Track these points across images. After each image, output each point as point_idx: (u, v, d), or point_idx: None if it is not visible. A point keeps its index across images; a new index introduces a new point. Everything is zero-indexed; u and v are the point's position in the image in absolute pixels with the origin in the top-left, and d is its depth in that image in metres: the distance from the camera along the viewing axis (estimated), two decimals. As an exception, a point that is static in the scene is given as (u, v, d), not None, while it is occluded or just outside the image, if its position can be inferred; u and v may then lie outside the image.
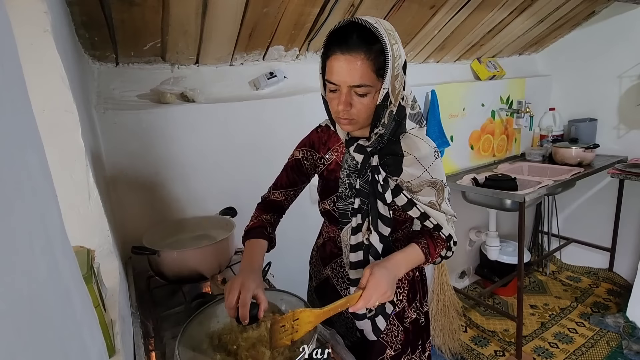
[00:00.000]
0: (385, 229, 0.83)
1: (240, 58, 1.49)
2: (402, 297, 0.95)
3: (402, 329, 0.95)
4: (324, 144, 0.95)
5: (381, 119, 0.75)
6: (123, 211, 1.27)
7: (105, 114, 1.18)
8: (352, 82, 0.72)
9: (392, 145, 0.80)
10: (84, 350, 0.27)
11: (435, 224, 0.83)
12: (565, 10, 2.10)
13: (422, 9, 1.58)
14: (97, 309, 0.53)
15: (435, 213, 0.82)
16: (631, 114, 2.28)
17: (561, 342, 1.99)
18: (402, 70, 0.74)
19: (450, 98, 2.08)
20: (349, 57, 0.70)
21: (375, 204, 0.82)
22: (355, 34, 0.70)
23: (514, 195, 1.77)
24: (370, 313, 0.88)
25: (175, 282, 1.14)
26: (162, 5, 1.08)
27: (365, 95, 0.73)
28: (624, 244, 2.41)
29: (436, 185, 0.81)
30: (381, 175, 0.80)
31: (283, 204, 1.01)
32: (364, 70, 0.70)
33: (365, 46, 0.69)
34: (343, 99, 0.73)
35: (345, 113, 0.75)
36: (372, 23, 0.69)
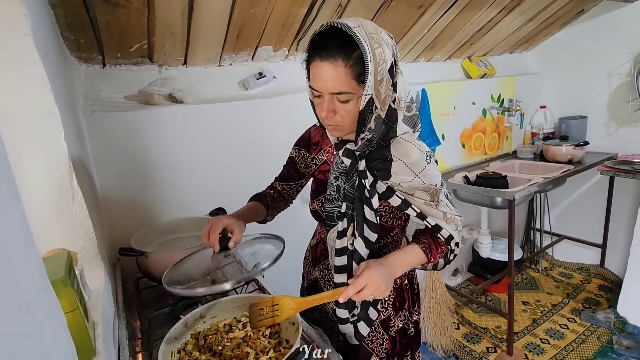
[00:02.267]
0: (372, 234, 0.82)
1: (228, 59, 1.49)
2: (387, 305, 0.92)
3: (387, 338, 0.93)
4: (317, 144, 0.96)
5: (366, 124, 0.73)
6: (112, 213, 1.27)
7: (92, 116, 1.18)
8: (332, 89, 0.71)
9: (381, 150, 0.78)
10: (43, 354, 0.27)
11: (434, 224, 0.80)
12: (554, 8, 2.11)
13: (410, 9, 1.59)
14: (75, 312, 0.54)
15: (434, 211, 0.80)
16: (620, 111, 2.30)
17: (552, 338, 2.01)
18: (389, 74, 0.71)
19: (441, 97, 2.09)
20: (327, 64, 0.69)
21: (362, 209, 0.81)
22: (335, 40, 0.68)
23: (504, 193, 1.78)
24: (353, 318, 0.88)
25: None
26: (147, 7, 1.08)
27: (348, 101, 0.72)
28: (615, 240, 2.43)
29: (429, 190, 0.79)
30: (368, 180, 0.79)
31: (282, 194, 1.06)
32: (343, 77, 0.69)
33: (344, 52, 0.67)
34: (325, 106, 0.73)
35: (329, 119, 0.75)
36: (351, 27, 0.66)
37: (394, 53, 0.73)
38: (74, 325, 0.54)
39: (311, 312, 1.07)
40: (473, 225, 2.46)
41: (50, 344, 0.29)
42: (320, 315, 1.08)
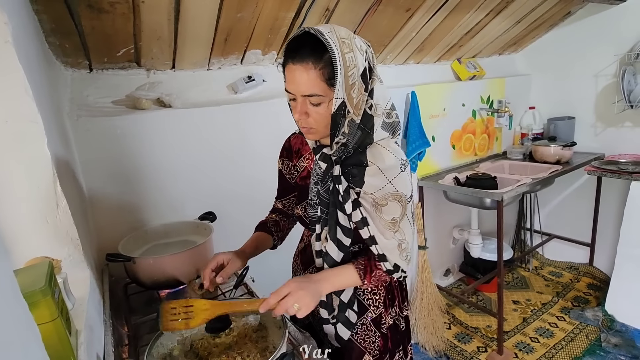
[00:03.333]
0: (345, 239, 0.82)
1: (217, 62, 1.49)
2: (378, 303, 0.94)
3: (380, 335, 0.95)
4: (297, 151, 0.97)
5: (340, 127, 0.74)
6: (100, 218, 1.26)
7: (78, 121, 1.18)
8: (303, 91, 0.72)
9: (358, 155, 0.78)
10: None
11: (381, 253, 0.80)
12: (541, 11, 2.14)
13: (398, 12, 1.60)
14: (55, 321, 0.53)
15: (388, 242, 0.79)
16: (607, 112, 2.33)
17: (542, 336, 2.03)
18: (362, 79, 0.72)
19: (431, 98, 2.11)
20: (299, 67, 0.70)
21: (335, 214, 0.81)
22: (307, 44, 0.70)
23: (492, 194, 1.80)
24: (333, 320, 0.89)
25: (152, 288, 1.14)
26: (132, 12, 1.08)
27: (319, 104, 0.73)
28: (603, 239, 2.47)
29: (401, 200, 0.78)
30: (342, 186, 0.79)
31: (286, 212, 1.08)
32: (314, 80, 0.70)
33: (314, 56, 0.69)
34: (299, 109, 0.74)
35: (302, 122, 0.76)
36: (323, 32, 0.68)
37: (368, 60, 0.74)
38: (55, 335, 0.54)
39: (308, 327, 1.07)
40: (464, 225, 2.48)
41: (17, 356, 0.29)
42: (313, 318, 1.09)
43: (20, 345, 0.31)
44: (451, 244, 2.52)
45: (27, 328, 0.34)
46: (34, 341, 0.35)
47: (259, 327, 0.88)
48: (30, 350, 0.33)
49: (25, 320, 0.34)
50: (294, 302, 0.72)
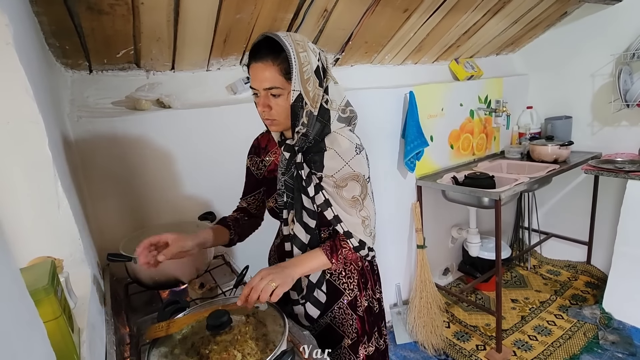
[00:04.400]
0: (311, 221, 0.91)
1: (216, 63, 1.50)
2: (353, 287, 1.00)
3: (357, 317, 1.01)
4: (264, 148, 1.05)
5: (299, 118, 0.83)
6: (100, 219, 1.27)
7: (79, 122, 1.18)
8: (265, 85, 0.81)
9: (318, 144, 0.88)
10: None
11: (346, 230, 0.88)
12: (538, 11, 2.15)
13: (395, 13, 1.61)
14: (58, 319, 0.54)
15: (353, 218, 0.88)
16: (604, 111, 2.35)
17: (540, 334, 2.05)
18: (316, 75, 0.82)
19: (429, 98, 2.12)
20: (261, 64, 0.80)
21: (300, 198, 0.90)
22: (266, 46, 0.80)
23: (490, 193, 1.82)
24: (302, 300, 0.96)
25: (153, 288, 1.15)
26: (132, 13, 1.08)
27: (279, 96, 0.82)
28: (600, 238, 2.48)
29: (359, 179, 0.87)
30: (304, 171, 0.88)
31: (248, 209, 1.10)
32: (273, 74, 0.80)
33: (273, 54, 0.79)
34: (261, 102, 0.83)
35: (266, 114, 0.85)
36: (280, 36, 0.79)
37: (320, 60, 0.85)
38: (58, 332, 0.55)
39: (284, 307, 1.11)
40: (462, 224, 2.50)
41: (20, 354, 0.30)
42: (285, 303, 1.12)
43: (27, 341, 0.31)
44: (450, 243, 2.53)
45: (33, 325, 0.35)
46: (40, 338, 0.35)
47: (259, 325, 0.88)
48: (36, 346, 0.34)
49: (31, 317, 0.35)
50: (268, 281, 0.78)
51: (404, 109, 2.04)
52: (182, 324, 0.82)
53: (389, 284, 2.18)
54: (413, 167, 2.07)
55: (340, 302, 0.99)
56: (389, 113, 2.01)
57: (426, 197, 2.23)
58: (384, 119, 1.99)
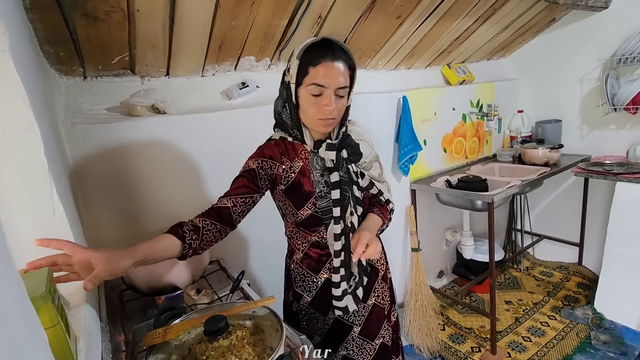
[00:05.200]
0: (359, 209, 1.00)
1: (211, 69, 1.51)
2: (383, 261, 1.16)
3: (388, 287, 1.16)
4: (283, 154, 1.00)
5: (347, 117, 0.97)
6: (96, 225, 1.26)
7: (73, 129, 1.18)
8: (341, 83, 0.87)
9: (346, 139, 0.98)
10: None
11: (387, 198, 1.08)
12: (527, 17, 2.20)
13: (388, 20, 1.64)
14: (56, 327, 0.54)
15: (384, 190, 1.08)
16: (592, 115, 2.40)
17: (534, 335, 2.07)
18: None
19: (422, 103, 2.15)
20: (338, 64, 0.86)
21: (352, 191, 0.98)
22: (339, 48, 0.87)
23: (483, 196, 1.84)
24: (354, 287, 1.02)
25: (148, 294, 1.14)
26: (128, 20, 1.09)
27: (343, 97, 0.90)
28: (591, 239, 2.53)
29: (378, 159, 1.10)
30: (352, 166, 0.98)
31: (231, 211, 0.95)
32: (346, 75, 0.88)
33: (345, 57, 0.88)
34: (331, 100, 0.87)
35: (329, 113, 0.88)
36: (339, 42, 0.89)
37: None
38: (55, 340, 0.55)
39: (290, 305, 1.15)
40: (456, 227, 2.52)
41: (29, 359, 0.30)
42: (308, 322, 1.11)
43: (33, 349, 0.32)
44: (444, 245, 2.55)
45: (37, 333, 0.35)
46: (42, 346, 0.36)
47: (256, 330, 0.89)
48: (38, 353, 0.34)
49: (34, 325, 0.35)
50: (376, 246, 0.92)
51: (397, 114, 2.07)
52: (179, 331, 0.82)
53: (384, 288, 2.19)
54: (407, 170, 2.09)
55: (378, 279, 1.12)
56: (383, 118, 2.03)
57: (420, 201, 2.26)
58: (378, 123, 2.01)
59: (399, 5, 1.56)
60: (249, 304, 0.88)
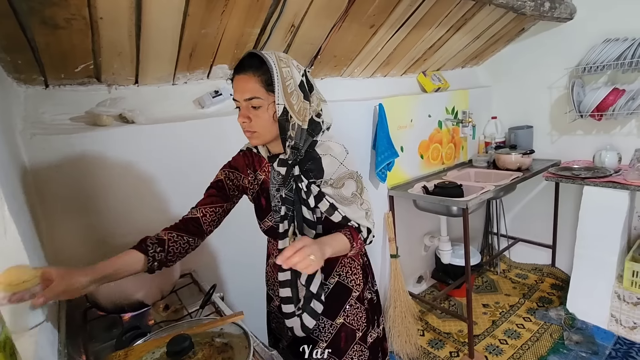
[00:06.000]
0: (310, 231, 0.93)
1: (183, 77, 1.47)
2: (359, 282, 1.06)
3: (364, 309, 1.07)
4: (249, 165, 1.02)
5: (287, 131, 0.86)
6: (57, 241, 1.20)
7: (32, 140, 1.12)
8: (246, 95, 0.84)
9: (310, 155, 0.92)
10: None
11: (356, 226, 0.94)
12: (497, 27, 2.27)
13: (362, 29, 1.65)
14: (-5, 358, 0.50)
15: (357, 214, 0.93)
16: (561, 121, 2.49)
17: (510, 338, 2.11)
18: (300, 89, 0.85)
19: (398, 110, 2.17)
20: (242, 76, 0.84)
21: (300, 210, 0.91)
22: (250, 60, 0.84)
23: (458, 202, 1.87)
24: (298, 311, 0.95)
25: (113, 312, 1.09)
26: (90, 28, 1.05)
27: (259, 108, 0.84)
28: (563, 241, 2.61)
29: (354, 176, 0.94)
30: (304, 183, 0.90)
31: (200, 221, 0.97)
32: (254, 85, 0.83)
33: (254, 67, 0.83)
34: (242, 113, 0.86)
35: (246, 125, 0.87)
36: (263, 52, 0.84)
37: (305, 76, 0.88)
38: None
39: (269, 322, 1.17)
40: (434, 232, 2.55)
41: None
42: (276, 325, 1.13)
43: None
44: (423, 251, 2.58)
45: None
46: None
47: (225, 348, 0.86)
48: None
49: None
50: (310, 253, 0.77)
51: (374, 121, 2.08)
52: (142, 352, 0.79)
53: (364, 295, 2.18)
54: (384, 177, 2.10)
55: (351, 299, 1.04)
56: (360, 125, 2.04)
57: (398, 207, 2.27)
58: (355, 130, 2.02)
59: (372, 15, 1.58)
60: (216, 321, 0.85)
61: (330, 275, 1.02)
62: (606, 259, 2.04)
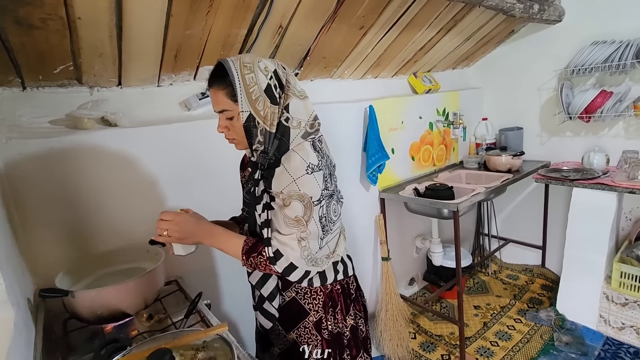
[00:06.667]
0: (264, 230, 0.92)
1: (168, 79, 1.44)
2: (318, 308, 0.99)
3: (321, 339, 0.99)
4: (244, 164, 1.12)
5: (254, 137, 0.86)
6: (36, 248, 1.16)
7: (8, 144, 1.08)
8: (217, 108, 0.88)
9: (278, 161, 0.88)
10: None
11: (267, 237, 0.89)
12: (487, 29, 2.27)
13: (352, 30, 1.63)
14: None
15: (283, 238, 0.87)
16: (550, 122, 2.50)
17: (501, 339, 2.11)
18: (267, 94, 0.84)
19: (389, 112, 2.16)
20: (212, 91, 0.87)
21: (254, 213, 0.94)
22: (216, 72, 0.86)
23: (448, 205, 1.86)
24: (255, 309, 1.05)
25: (94, 323, 1.06)
26: (68, 28, 1.01)
27: (232, 118, 0.87)
28: (553, 242, 2.62)
29: (304, 200, 0.84)
30: (259, 188, 0.92)
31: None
32: (221, 98, 0.86)
33: (219, 80, 0.85)
34: (219, 124, 0.91)
35: (225, 135, 0.92)
36: (228, 60, 0.84)
37: (273, 79, 0.86)
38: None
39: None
40: (426, 234, 2.54)
41: None
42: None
43: None
44: (414, 253, 2.57)
45: None
46: None
47: (209, 361, 0.83)
48: None
49: None
50: (165, 228, 0.88)
51: (364, 123, 2.06)
52: None
53: (355, 298, 2.16)
54: (375, 180, 2.09)
55: (306, 322, 0.99)
56: (350, 127, 2.02)
57: (390, 209, 2.26)
58: (346, 132, 2.00)
59: (362, 16, 1.56)
60: (199, 333, 0.82)
61: (287, 288, 1.00)
62: (595, 259, 2.06)
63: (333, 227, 0.92)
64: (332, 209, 0.90)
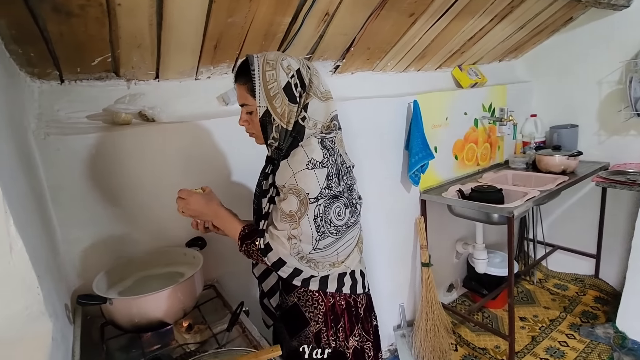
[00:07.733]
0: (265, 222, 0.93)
1: (206, 71, 1.36)
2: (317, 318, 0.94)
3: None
4: None
5: (269, 132, 0.87)
6: (72, 250, 1.11)
7: (46, 140, 1.03)
8: (240, 102, 0.91)
9: (286, 156, 0.88)
10: None
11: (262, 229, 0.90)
12: (544, 16, 2.06)
13: (401, 17, 1.49)
14: None
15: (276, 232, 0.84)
16: (611, 120, 2.27)
17: (553, 357, 1.93)
18: (285, 92, 0.84)
19: (433, 107, 2.01)
20: (237, 85, 0.90)
21: (260, 205, 0.95)
22: (241, 67, 0.89)
23: (502, 209, 1.70)
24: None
25: (132, 331, 1.00)
26: (108, 16, 0.94)
27: (252, 113, 0.89)
28: (609, 251, 2.39)
29: (299, 195, 0.82)
30: (266, 182, 0.94)
31: None
32: (242, 92, 0.89)
33: (243, 74, 0.88)
34: (241, 117, 0.92)
35: (246, 128, 0.94)
36: (253, 56, 0.86)
37: (295, 77, 0.85)
38: None
39: None
40: (467, 239, 2.38)
41: None
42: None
43: None
44: (454, 258, 2.41)
45: None
46: None
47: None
48: None
49: None
50: (181, 208, 0.97)
51: (407, 119, 1.92)
52: None
53: (392, 304, 2.04)
54: (418, 180, 1.95)
55: (307, 331, 0.96)
56: (392, 123, 1.89)
57: (429, 211, 2.11)
58: (386, 129, 1.87)
59: (413, 2, 1.42)
60: (250, 356, 0.73)
61: (290, 292, 0.97)
62: (666, 274, 1.84)
63: (335, 231, 0.85)
64: (335, 211, 0.85)
